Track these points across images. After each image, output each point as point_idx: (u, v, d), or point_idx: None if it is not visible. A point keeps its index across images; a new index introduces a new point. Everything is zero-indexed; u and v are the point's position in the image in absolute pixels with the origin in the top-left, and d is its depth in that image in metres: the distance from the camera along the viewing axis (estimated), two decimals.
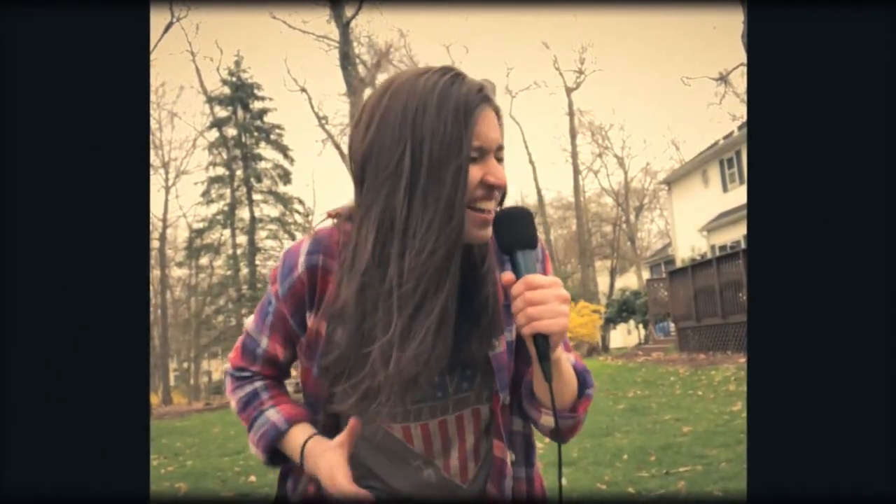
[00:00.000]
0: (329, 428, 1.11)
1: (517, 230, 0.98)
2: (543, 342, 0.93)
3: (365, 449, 1.11)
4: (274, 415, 1.10)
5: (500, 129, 1.02)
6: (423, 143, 0.94)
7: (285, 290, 1.06)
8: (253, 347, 1.13)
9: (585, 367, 1.10)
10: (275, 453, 1.11)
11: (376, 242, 0.96)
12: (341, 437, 1.03)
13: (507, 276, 0.96)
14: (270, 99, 23.53)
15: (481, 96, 0.98)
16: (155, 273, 31.44)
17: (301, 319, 1.07)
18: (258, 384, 1.14)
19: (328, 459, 1.02)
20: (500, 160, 1.02)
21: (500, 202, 1.04)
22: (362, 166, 0.99)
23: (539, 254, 1.07)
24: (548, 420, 1.06)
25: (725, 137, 22.21)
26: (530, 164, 34.33)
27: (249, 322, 1.14)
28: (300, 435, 1.08)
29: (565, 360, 1.03)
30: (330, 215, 1.08)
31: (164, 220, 32.32)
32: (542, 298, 0.92)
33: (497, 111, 1.01)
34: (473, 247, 1.03)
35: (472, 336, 1.03)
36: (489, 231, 1.00)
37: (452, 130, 0.94)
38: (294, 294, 1.06)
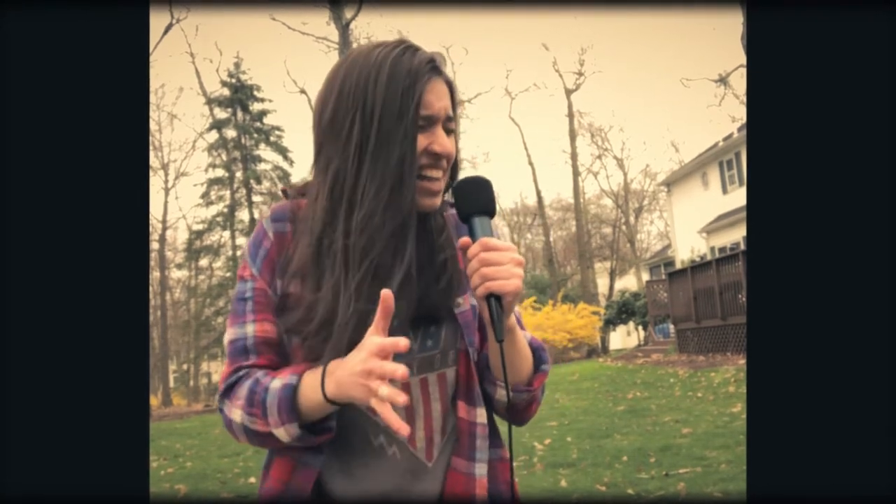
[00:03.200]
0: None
1: (474, 197, 1.01)
2: (497, 304, 0.95)
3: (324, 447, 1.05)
4: (279, 381, 0.98)
5: (452, 101, 1.05)
6: (373, 110, 0.99)
7: (260, 264, 1.05)
8: (241, 344, 1.04)
9: (542, 344, 1.11)
10: (308, 427, 0.98)
11: (328, 207, 1.00)
12: (373, 326, 0.92)
13: (464, 240, 0.99)
14: (270, 100, 23.48)
15: (430, 67, 1.02)
16: (154, 275, 31.45)
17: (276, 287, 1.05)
18: (256, 374, 1.02)
19: (356, 353, 0.91)
20: (449, 132, 1.04)
21: (453, 176, 1.08)
22: (320, 135, 1.04)
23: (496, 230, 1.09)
24: (502, 394, 1.05)
25: (725, 139, 22.23)
26: (530, 166, 34.38)
27: (228, 332, 1.07)
28: (315, 373, 0.97)
29: (520, 334, 1.05)
30: (283, 190, 1.12)
31: (164, 221, 32.34)
32: (497, 259, 0.94)
33: (449, 83, 1.05)
34: (430, 215, 1.07)
35: (432, 291, 1.04)
36: (437, 200, 1.04)
37: (400, 99, 0.99)
38: (269, 262, 1.05)
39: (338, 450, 1.05)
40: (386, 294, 0.89)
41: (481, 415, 1.07)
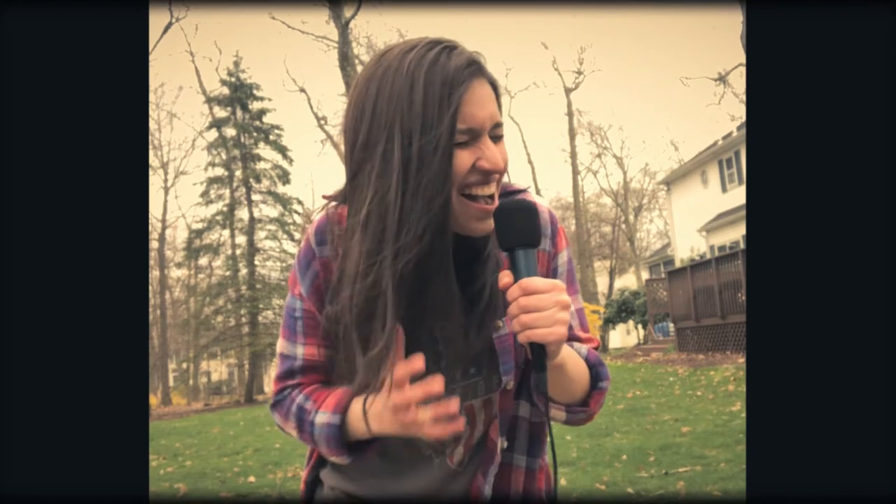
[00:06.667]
0: None
1: (518, 225, 0.91)
2: (539, 351, 0.88)
3: (374, 460, 1.09)
4: (323, 416, 1.01)
5: (498, 103, 0.96)
6: (411, 129, 0.89)
7: (308, 286, 1.04)
8: (290, 364, 1.07)
9: (600, 360, 1.05)
10: (354, 448, 1.02)
11: (365, 245, 0.92)
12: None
13: (505, 278, 0.90)
14: (269, 99, 23.40)
15: (470, 71, 0.92)
16: (154, 273, 31.45)
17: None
18: (298, 398, 1.05)
19: (384, 392, 0.92)
20: (497, 138, 0.95)
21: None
22: (353, 157, 0.95)
23: (548, 245, 1.07)
24: (557, 414, 1.06)
25: (724, 138, 22.23)
26: (529, 165, 34.44)
27: (280, 343, 1.09)
28: (356, 408, 0.98)
29: (572, 357, 0.99)
30: (325, 198, 1.06)
31: (163, 220, 32.33)
32: (539, 305, 0.86)
33: (493, 83, 0.95)
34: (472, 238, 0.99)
35: (469, 327, 1.00)
36: (490, 223, 0.94)
37: (437, 116, 0.89)
38: (317, 290, 1.04)
39: (391, 458, 1.10)
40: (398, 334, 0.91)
41: (503, 441, 1.10)
